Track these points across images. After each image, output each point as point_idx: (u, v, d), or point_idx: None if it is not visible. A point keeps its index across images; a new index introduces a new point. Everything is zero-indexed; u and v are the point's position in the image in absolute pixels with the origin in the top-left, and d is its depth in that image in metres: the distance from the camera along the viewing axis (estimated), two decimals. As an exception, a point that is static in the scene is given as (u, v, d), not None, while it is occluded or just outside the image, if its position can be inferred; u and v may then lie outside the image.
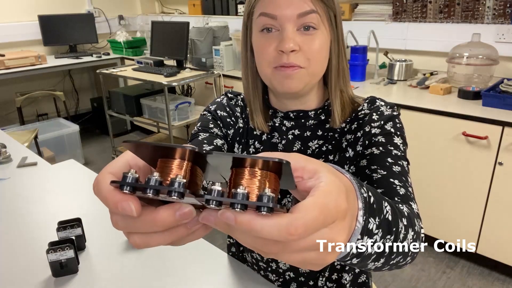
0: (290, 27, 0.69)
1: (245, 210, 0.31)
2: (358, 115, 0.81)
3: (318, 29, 0.70)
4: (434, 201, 2.09)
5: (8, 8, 3.63)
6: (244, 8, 0.77)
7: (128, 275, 0.93)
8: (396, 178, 0.69)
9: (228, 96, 0.93)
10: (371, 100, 0.83)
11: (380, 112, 0.79)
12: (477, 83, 2.16)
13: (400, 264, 0.53)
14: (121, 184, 0.31)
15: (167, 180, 0.33)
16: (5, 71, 3.18)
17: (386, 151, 0.73)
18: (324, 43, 0.72)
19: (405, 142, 0.78)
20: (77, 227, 1.01)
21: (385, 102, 0.82)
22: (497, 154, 1.82)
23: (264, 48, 0.71)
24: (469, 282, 2.01)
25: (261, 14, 0.70)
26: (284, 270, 0.89)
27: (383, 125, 0.77)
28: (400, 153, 0.74)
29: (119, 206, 0.31)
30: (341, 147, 0.81)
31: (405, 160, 0.74)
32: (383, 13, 2.59)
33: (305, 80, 0.72)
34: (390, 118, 0.78)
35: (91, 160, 3.62)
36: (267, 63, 0.72)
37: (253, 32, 0.75)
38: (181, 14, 4.01)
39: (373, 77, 2.57)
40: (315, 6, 0.69)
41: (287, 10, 0.68)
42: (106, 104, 3.27)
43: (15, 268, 0.96)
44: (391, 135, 0.76)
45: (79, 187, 1.36)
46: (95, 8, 4.11)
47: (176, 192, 0.30)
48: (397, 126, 0.78)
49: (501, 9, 2.13)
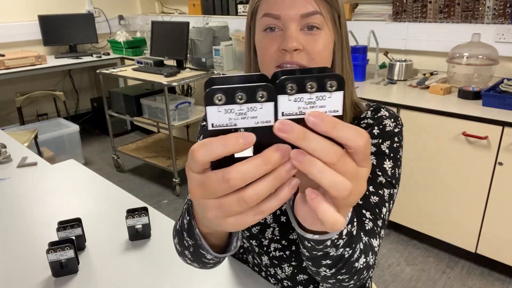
0: (294, 27, 0.68)
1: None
2: (361, 124, 0.80)
3: (321, 29, 0.70)
4: (434, 201, 2.09)
5: (8, 8, 3.63)
6: (248, 8, 0.77)
7: (128, 275, 0.93)
8: (369, 210, 0.70)
9: None
10: (375, 108, 0.81)
11: (382, 126, 0.78)
12: (477, 83, 2.16)
13: (344, 283, 0.59)
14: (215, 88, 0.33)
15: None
16: (5, 71, 3.18)
17: (371, 177, 0.73)
18: (328, 44, 0.71)
19: (397, 164, 0.77)
20: (77, 227, 1.01)
21: (389, 113, 0.80)
22: (497, 154, 1.82)
23: (267, 47, 0.71)
24: (469, 282, 2.01)
25: (265, 14, 0.70)
26: (281, 278, 0.88)
27: (380, 144, 0.77)
28: (386, 179, 0.74)
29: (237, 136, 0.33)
30: None
31: (389, 187, 0.74)
32: (383, 13, 2.59)
33: None
34: (390, 136, 0.77)
35: (91, 160, 3.62)
36: (270, 63, 0.71)
37: (256, 32, 0.75)
38: (181, 14, 4.01)
39: (373, 77, 2.57)
40: (319, 7, 0.68)
41: (291, 10, 0.68)
42: (106, 104, 3.27)
43: (15, 268, 0.96)
44: (384, 157, 0.76)
45: (79, 187, 1.36)
46: (95, 8, 4.11)
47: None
48: (394, 146, 0.77)
49: (501, 9, 2.13)
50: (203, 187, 0.36)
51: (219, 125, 0.34)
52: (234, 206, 0.35)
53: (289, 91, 0.34)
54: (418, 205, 2.15)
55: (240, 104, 0.34)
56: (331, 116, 0.34)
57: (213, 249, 0.58)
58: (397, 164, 0.77)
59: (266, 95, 0.34)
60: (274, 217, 0.84)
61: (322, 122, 0.33)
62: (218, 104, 0.34)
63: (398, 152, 0.78)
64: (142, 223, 1.06)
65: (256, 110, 0.34)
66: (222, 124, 0.34)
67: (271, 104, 0.34)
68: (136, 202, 1.23)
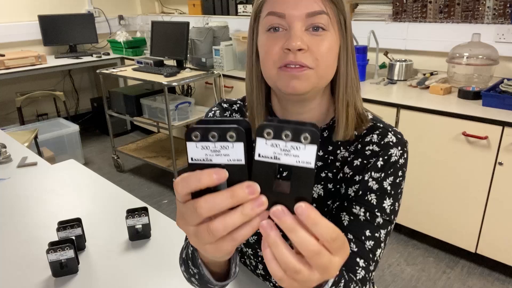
0: (299, 26, 0.66)
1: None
2: (365, 150, 0.75)
3: (327, 30, 0.67)
4: (434, 201, 2.09)
5: (8, 8, 3.63)
6: (252, 9, 0.74)
7: (128, 275, 0.93)
8: (362, 257, 0.69)
9: (223, 106, 0.88)
10: (383, 131, 0.76)
11: (387, 156, 0.73)
12: (477, 83, 2.16)
13: None
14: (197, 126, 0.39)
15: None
16: (5, 71, 3.18)
17: (369, 220, 0.71)
18: (333, 46, 0.68)
19: (398, 198, 0.75)
20: (77, 227, 1.01)
21: (397, 138, 0.75)
22: (497, 154, 1.82)
23: (270, 47, 0.68)
24: (469, 282, 2.01)
25: (269, 13, 0.68)
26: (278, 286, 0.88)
27: (382, 180, 0.73)
28: (384, 218, 0.72)
29: (213, 173, 0.38)
30: (338, 178, 0.77)
31: (387, 226, 0.72)
32: (383, 13, 2.59)
33: (313, 82, 0.68)
34: (395, 169, 0.74)
35: (91, 160, 3.62)
36: (272, 63, 0.68)
37: (259, 33, 0.72)
38: (181, 14, 4.01)
39: (373, 77, 2.57)
40: (325, 7, 0.66)
41: (296, 9, 0.65)
42: (106, 104, 3.27)
43: (15, 268, 0.96)
44: (384, 195, 0.73)
45: (79, 187, 1.36)
46: (95, 8, 4.11)
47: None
48: (397, 181, 0.74)
49: (501, 9, 2.13)
50: (182, 216, 0.42)
51: (197, 159, 0.40)
52: (205, 235, 0.40)
53: (266, 135, 0.38)
54: (418, 205, 2.15)
55: (214, 142, 0.39)
56: (315, 214, 0.38)
57: (215, 277, 0.61)
58: (398, 198, 0.75)
59: (235, 135, 0.38)
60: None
61: (307, 218, 0.38)
62: (195, 140, 0.39)
63: (400, 186, 0.75)
64: (142, 223, 1.06)
65: (228, 148, 0.39)
66: (199, 158, 0.40)
67: (240, 144, 0.39)
68: (136, 202, 1.23)
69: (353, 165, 0.76)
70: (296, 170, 0.39)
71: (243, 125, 0.40)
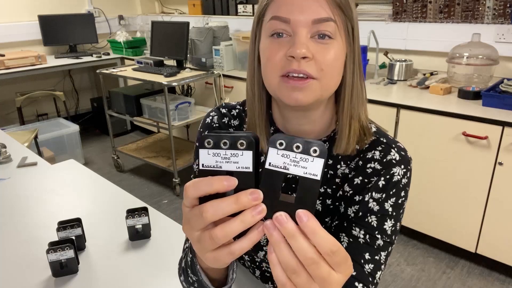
0: (304, 32, 0.61)
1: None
2: (366, 168, 0.72)
3: (334, 39, 0.63)
4: (434, 201, 2.09)
5: (8, 8, 3.63)
6: (255, 12, 0.69)
7: (128, 275, 0.93)
8: (362, 281, 0.68)
9: (221, 111, 0.84)
10: (386, 148, 0.72)
11: (389, 176, 0.70)
12: (477, 83, 2.16)
13: None
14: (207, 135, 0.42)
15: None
16: (5, 71, 3.18)
17: (369, 243, 0.69)
18: (339, 56, 0.64)
19: (399, 218, 0.71)
20: (77, 227, 1.01)
21: (400, 156, 0.71)
22: (497, 154, 1.82)
23: (272, 53, 0.64)
24: (469, 282, 2.01)
25: (273, 17, 0.63)
26: None
27: (384, 201, 0.70)
28: (384, 240, 0.69)
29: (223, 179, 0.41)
30: (337, 195, 0.75)
31: (387, 247, 0.70)
32: (383, 13, 2.59)
33: (317, 93, 0.64)
34: (397, 190, 0.70)
35: (91, 160, 3.62)
36: (274, 71, 0.64)
37: (261, 38, 0.68)
38: (181, 14, 4.01)
39: (373, 77, 2.57)
40: (333, 14, 0.62)
41: (302, 15, 0.61)
42: (106, 104, 3.27)
43: (15, 268, 0.96)
44: (385, 217, 0.69)
45: (79, 187, 1.36)
46: (95, 8, 4.11)
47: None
48: (398, 202, 0.71)
49: (501, 9, 2.13)
50: (188, 221, 0.44)
51: (208, 166, 0.43)
52: (207, 241, 0.42)
53: (278, 145, 0.41)
54: (418, 205, 2.15)
55: (225, 149, 0.42)
56: (314, 223, 0.40)
57: (213, 283, 0.61)
58: (399, 218, 0.71)
59: (246, 144, 0.41)
60: (268, 240, 0.81)
61: (306, 226, 0.40)
62: (207, 147, 0.42)
63: (402, 206, 0.71)
64: (142, 223, 1.06)
65: (238, 156, 0.42)
66: (210, 165, 0.43)
67: (249, 153, 0.42)
68: (136, 202, 1.23)
69: (353, 183, 0.72)
70: (303, 181, 0.41)
71: (253, 136, 0.43)
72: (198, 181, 0.42)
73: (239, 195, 0.41)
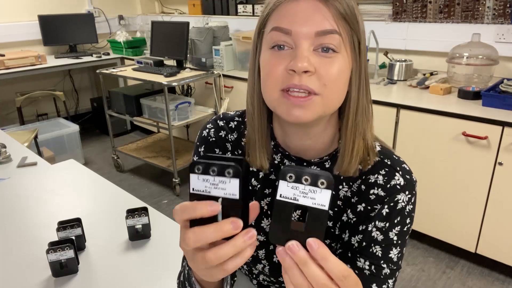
0: (306, 45, 0.58)
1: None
2: (369, 194, 0.68)
3: (338, 52, 0.59)
4: (434, 201, 2.09)
5: (8, 8, 3.63)
6: (256, 24, 0.66)
7: (128, 275, 0.93)
8: None
9: (218, 124, 0.79)
10: (389, 171, 0.68)
11: (393, 203, 0.67)
12: (477, 83, 2.16)
13: None
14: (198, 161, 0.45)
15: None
16: (5, 71, 3.18)
17: (375, 273, 0.66)
18: (344, 70, 0.60)
19: (405, 244, 0.69)
20: (77, 227, 1.01)
21: (405, 181, 0.67)
22: (497, 154, 1.82)
23: (272, 66, 0.60)
24: (469, 282, 2.01)
25: (274, 28, 0.60)
26: None
27: (388, 230, 0.66)
28: (391, 268, 0.67)
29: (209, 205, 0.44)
30: (341, 220, 0.72)
31: (394, 274, 0.67)
32: (383, 13, 2.59)
33: (319, 110, 0.60)
34: (401, 217, 0.67)
35: (91, 160, 3.62)
36: (274, 85, 0.60)
37: (262, 49, 0.64)
38: (181, 14, 4.01)
39: (373, 77, 2.57)
40: (337, 26, 0.58)
41: (305, 26, 0.57)
42: (106, 104, 3.27)
43: (15, 268, 0.96)
44: (391, 246, 0.66)
45: (79, 187, 1.36)
46: (95, 8, 4.11)
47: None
48: (404, 230, 0.67)
49: (501, 9, 2.13)
50: (183, 238, 0.46)
51: (198, 190, 0.46)
52: (200, 261, 0.45)
53: (288, 178, 0.44)
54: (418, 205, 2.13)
55: (213, 176, 0.45)
56: (325, 250, 0.43)
57: None
58: (404, 244, 0.68)
59: (232, 172, 0.44)
60: (266, 254, 0.78)
61: (317, 253, 0.43)
62: (197, 172, 0.45)
63: (407, 233, 0.68)
64: (142, 223, 1.06)
65: (225, 183, 0.45)
66: (199, 189, 0.46)
67: (236, 181, 0.44)
68: (136, 202, 1.23)
69: (356, 210, 0.69)
70: (312, 210, 0.44)
71: (242, 164, 0.45)
72: (185, 206, 0.45)
73: (221, 224, 0.44)
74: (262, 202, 0.76)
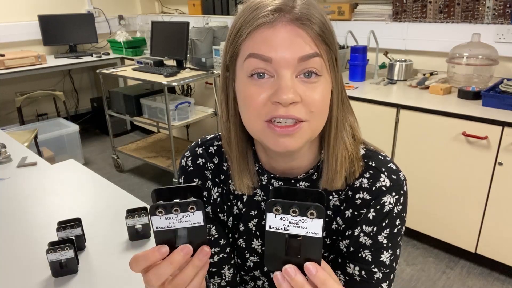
0: (288, 74, 0.55)
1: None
2: (355, 199, 0.66)
3: (321, 75, 0.57)
4: (434, 201, 2.09)
5: (8, 8, 3.63)
6: (224, 47, 0.62)
7: (128, 275, 0.93)
8: None
9: (197, 152, 0.75)
10: (374, 174, 0.65)
11: (380, 206, 0.64)
12: (477, 83, 2.16)
13: None
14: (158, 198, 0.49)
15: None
16: (5, 71, 3.18)
17: (366, 279, 0.65)
18: (327, 93, 0.59)
19: (398, 245, 0.67)
20: (77, 227, 1.01)
21: (391, 181, 0.65)
22: (497, 154, 1.82)
23: (253, 97, 0.56)
24: (469, 282, 2.01)
25: (251, 55, 0.56)
26: None
27: (376, 234, 0.64)
28: (383, 272, 0.65)
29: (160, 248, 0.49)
30: (329, 228, 0.70)
31: (388, 277, 0.66)
32: (383, 13, 2.59)
33: (306, 137, 0.58)
34: (389, 220, 0.64)
35: (91, 160, 3.62)
36: (257, 116, 0.57)
37: (237, 76, 0.60)
38: (181, 14, 4.01)
39: (373, 77, 2.57)
40: (318, 49, 0.56)
41: (286, 52, 0.54)
42: (106, 104, 3.27)
43: (15, 268, 0.96)
44: (381, 249, 0.64)
45: (79, 187, 1.36)
46: (95, 8, 4.11)
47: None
48: (394, 232, 0.65)
49: (501, 9, 2.13)
50: (145, 283, 0.51)
51: (161, 227, 0.48)
52: (147, 284, 0.50)
53: (275, 211, 0.44)
54: (418, 205, 2.15)
55: (177, 214, 0.47)
56: (322, 274, 0.44)
57: None
58: (397, 246, 0.66)
59: (195, 207, 0.47)
60: (262, 272, 0.78)
61: (315, 277, 0.44)
62: (159, 215, 0.47)
63: (399, 234, 0.66)
64: (142, 223, 1.06)
65: (189, 216, 0.47)
66: (163, 226, 0.48)
67: (200, 212, 0.47)
68: (136, 202, 1.23)
69: (345, 216, 0.68)
70: (305, 238, 0.44)
71: (198, 191, 0.49)
72: (136, 258, 0.50)
73: (172, 256, 0.48)
74: (249, 224, 0.75)
